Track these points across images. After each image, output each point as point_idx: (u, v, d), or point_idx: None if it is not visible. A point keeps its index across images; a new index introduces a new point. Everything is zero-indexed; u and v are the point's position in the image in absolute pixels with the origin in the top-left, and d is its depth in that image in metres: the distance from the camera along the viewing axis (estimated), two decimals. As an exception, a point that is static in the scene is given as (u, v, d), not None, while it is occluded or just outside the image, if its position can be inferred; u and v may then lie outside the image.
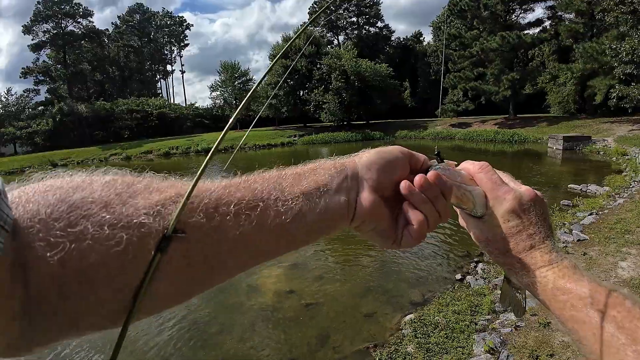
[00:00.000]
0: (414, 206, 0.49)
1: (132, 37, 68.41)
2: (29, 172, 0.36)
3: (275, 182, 0.43)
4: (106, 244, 0.31)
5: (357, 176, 0.48)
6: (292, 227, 0.42)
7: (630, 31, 18.65)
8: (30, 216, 0.30)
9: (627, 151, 15.90)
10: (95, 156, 35.79)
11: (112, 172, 0.38)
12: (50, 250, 0.29)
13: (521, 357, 3.26)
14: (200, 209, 0.37)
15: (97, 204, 0.33)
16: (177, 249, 0.35)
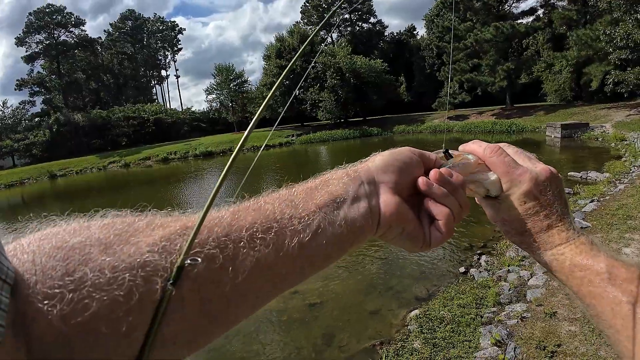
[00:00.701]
0: (437, 201, 0.48)
1: (125, 44, 68.25)
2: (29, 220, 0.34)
3: (287, 199, 0.41)
4: (107, 289, 0.29)
5: (373, 180, 0.46)
6: (313, 245, 0.39)
7: (623, 16, 18.60)
8: (26, 268, 0.28)
9: (625, 136, 15.87)
10: (94, 165, 35.77)
11: (112, 213, 0.35)
12: (49, 303, 0.27)
13: (528, 348, 3.25)
14: (212, 239, 0.34)
15: (95, 246, 0.31)
16: (189, 286, 0.32)
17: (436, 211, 0.47)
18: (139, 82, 70.13)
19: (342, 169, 0.47)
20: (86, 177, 30.97)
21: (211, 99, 52.38)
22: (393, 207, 0.45)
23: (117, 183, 25.00)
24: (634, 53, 18.66)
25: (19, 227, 0.33)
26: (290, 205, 0.40)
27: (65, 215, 0.35)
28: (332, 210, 0.41)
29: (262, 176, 20.02)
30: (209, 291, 0.33)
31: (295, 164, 24.57)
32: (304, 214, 0.40)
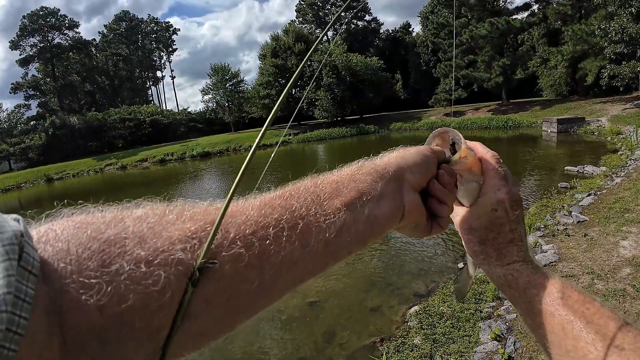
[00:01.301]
0: (440, 200, 0.51)
1: (120, 45, 68.05)
2: (46, 212, 0.33)
3: (313, 194, 0.41)
4: (144, 283, 0.29)
5: (401, 179, 0.48)
6: (337, 242, 0.40)
7: (618, 10, 18.64)
8: (61, 256, 0.28)
9: (621, 130, 15.93)
10: (91, 167, 35.62)
11: (144, 204, 0.36)
12: (85, 293, 0.27)
13: (528, 342, 3.26)
14: (238, 237, 0.34)
15: (131, 239, 0.31)
16: (214, 288, 0.32)
17: (439, 209, 0.51)
18: (134, 83, 69.94)
19: (370, 163, 0.48)
20: (83, 180, 30.86)
21: (207, 99, 52.29)
22: (415, 205, 0.48)
23: (114, 185, 24.92)
24: (629, 47, 18.70)
25: (51, 213, 0.33)
26: (316, 201, 0.40)
27: (99, 204, 0.35)
28: (358, 207, 0.42)
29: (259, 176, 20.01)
30: (235, 289, 0.34)
31: (293, 163, 24.55)
32: (330, 212, 0.40)
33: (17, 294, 0.23)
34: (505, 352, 3.15)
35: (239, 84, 46.99)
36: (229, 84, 46.18)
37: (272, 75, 41.69)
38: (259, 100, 43.30)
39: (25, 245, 0.26)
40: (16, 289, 0.23)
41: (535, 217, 6.46)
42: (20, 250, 0.25)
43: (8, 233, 0.25)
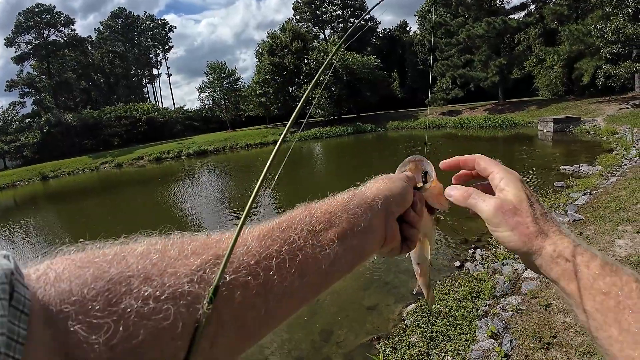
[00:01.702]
0: (412, 225, 0.57)
1: (116, 42, 67.61)
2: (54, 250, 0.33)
3: (309, 225, 0.44)
4: (154, 318, 0.30)
5: (387, 210, 0.52)
6: (330, 271, 0.43)
7: (614, 10, 18.71)
8: (65, 297, 0.28)
9: (617, 130, 16.03)
10: (86, 166, 35.44)
11: (142, 239, 0.37)
12: (93, 334, 0.27)
13: (524, 340, 3.28)
14: (243, 267, 0.36)
15: (136, 277, 0.31)
16: (229, 313, 0.34)
17: (411, 233, 0.57)
18: (130, 81, 69.56)
19: (360, 193, 0.52)
20: (78, 178, 30.69)
21: (204, 97, 52.14)
22: (395, 234, 0.54)
23: (110, 184, 24.81)
24: (625, 47, 18.76)
25: (47, 251, 0.33)
26: (312, 232, 0.43)
27: (97, 240, 0.35)
28: (349, 239, 0.46)
29: (257, 175, 19.97)
30: (245, 316, 0.36)
31: (289, 161, 24.46)
32: (325, 243, 0.43)
33: (9, 335, 0.23)
34: (501, 350, 3.17)
35: (236, 82, 46.87)
36: (226, 82, 46.05)
37: (269, 74, 41.59)
38: (255, 99, 43.21)
39: (16, 284, 0.25)
40: (9, 330, 0.23)
41: (531, 216, 6.49)
42: (11, 289, 0.25)
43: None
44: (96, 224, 12.62)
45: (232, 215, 10.95)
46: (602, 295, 0.45)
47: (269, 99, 42.44)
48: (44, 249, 2.32)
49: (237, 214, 11.02)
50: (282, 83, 42.43)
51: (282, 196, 13.09)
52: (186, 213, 12.47)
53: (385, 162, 18.32)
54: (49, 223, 14.74)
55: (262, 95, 42.19)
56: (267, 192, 1.37)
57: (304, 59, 40.39)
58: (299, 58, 40.86)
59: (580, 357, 2.92)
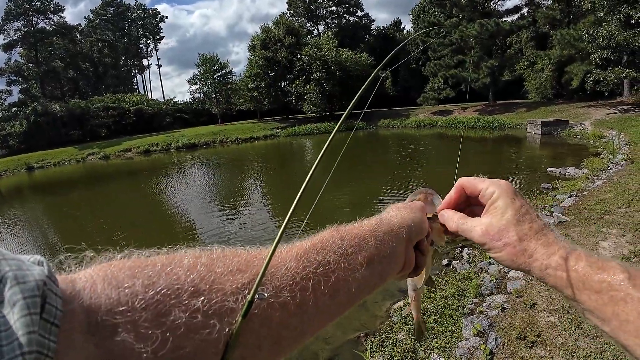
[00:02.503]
0: (423, 253, 0.60)
1: (106, 31, 66.39)
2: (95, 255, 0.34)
3: (341, 248, 0.46)
4: (201, 332, 0.31)
5: (409, 240, 0.56)
6: (357, 293, 0.46)
7: (606, 16, 18.90)
8: (112, 307, 0.29)
9: (604, 134, 16.30)
10: (72, 157, 34.80)
11: (186, 251, 0.38)
12: (141, 343, 0.28)
13: (509, 338, 3.32)
14: (283, 287, 0.38)
15: (184, 290, 0.32)
16: (265, 333, 0.36)
17: (421, 261, 0.60)
18: (119, 71, 68.36)
19: (387, 220, 0.55)
20: (64, 169, 30.13)
21: (194, 90, 51.58)
22: (412, 260, 0.57)
23: (96, 176, 24.40)
24: (615, 53, 18.99)
25: (91, 256, 0.33)
26: (344, 256, 0.45)
27: (142, 249, 0.36)
28: (375, 264, 0.49)
29: (247, 170, 19.86)
30: (281, 334, 0.37)
31: (280, 156, 24.44)
32: (354, 267, 0.46)
33: (39, 349, 0.23)
34: (486, 348, 3.20)
35: (227, 75, 46.39)
36: (217, 74, 45.55)
37: (262, 68, 41.28)
38: (247, 93, 42.87)
39: (49, 295, 0.25)
40: (38, 344, 0.23)
41: (518, 217, 6.57)
42: (42, 301, 0.25)
43: (30, 284, 0.25)
44: (84, 217, 12.43)
45: (223, 211, 10.87)
46: (596, 294, 0.46)
47: (261, 93, 42.14)
48: (29, 242, 2.27)
49: (227, 210, 10.95)
50: (274, 77, 42.16)
51: (274, 192, 13.05)
52: (175, 207, 12.34)
53: (378, 160, 18.37)
54: (35, 215, 14.47)
55: (254, 89, 41.87)
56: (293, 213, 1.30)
57: (297, 54, 40.17)
58: (292, 53, 40.63)
59: (564, 356, 2.97)
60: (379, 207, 9.03)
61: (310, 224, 0.68)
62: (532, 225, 0.54)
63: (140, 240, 8.58)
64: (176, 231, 9.16)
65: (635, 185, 7.13)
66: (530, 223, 0.54)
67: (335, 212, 8.95)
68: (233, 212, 10.33)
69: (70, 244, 8.30)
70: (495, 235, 0.55)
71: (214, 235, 8.32)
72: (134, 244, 0.31)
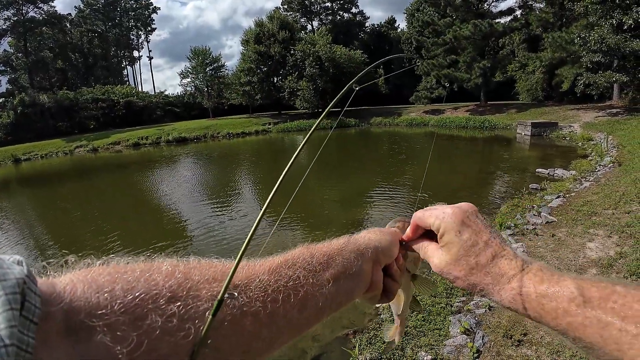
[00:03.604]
0: (393, 279, 0.62)
1: (97, 21, 65.23)
2: (77, 259, 0.35)
3: (310, 264, 0.48)
4: (176, 335, 0.32)
5: (376, 260, 0.57)
6: (323, 308, 0.48)
7: (599, 21, 19.05)
8: (93, 308, 0.30)
9: (592, 136, 16.53)
10: (60, 149, 34.14)
11: (164, 260, 0.39)
12: (118, 345, 0.29)
13: (496, 336, 3.35)
14: (256, 298, 0.40)
15: (162, 296, 0.34)
16: (236, 341, 0.37)
17: (391, 286, 0.61)
18: (109, 62, 67.26)
19: (354, 240, 0.57)
20: (52, 162, 29.59)
21: (186, 83, 50.98)
22: (379, 282, 0.58)
23: (84, 168, 24.02)
24: (606, 57, 19.16)
25: (72, 262, 0.34)
26: (313, 272, 0.47)
27: (122, 257, 0.37)
28: (341, 281, 0.51)
29: (238, 165, 19.74)
30: (251, 343, 0.39)
31: (272, 152, 24.33)
32: (322, 283, 0.48)
33: (19, 344, 0.24)
34: (474, 346, 3.23)
35: (220, 69, 45.97)
36: (209, 68, 45.11)
37: (254, 62, 40.98)
38: (239, 87, 42.54)
39: (28, 293, 0.26)
40: (18, 340, 0.24)
41: (506, 216, 6.64)
42: (22, 299, 0.25)
43: (11, 281, 0.25)
44: (72, 210, 12.23)
45: (212, 205, 10.79)
46: (554, 320, 0.46)
47: (253, 88, 41.86)
48: (16, 235, 2.20)
49: (217, 206, 10.87)
50: (267, 72, 41.90)
51: (264, 188, 12.99)
52: (164, 201, 12.21)
53: (369, 157, 18.40)
54: (22, 208, 14.21)
55: (247, 84, 41.57)
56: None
57: (291, 49, 39.96)
58: (285, 48, 40.41)
59: (550, 355, 3.01)
60: (367, 202, 8.98)
61: (299, 216, 0.66)
62: (478, 259, 0.54)
63: (128, 233, 8.48)
64: (165, 225, 9.07)
65: (622, 187, 7.24)
66: (476, 257, 0.54)
67: (324, 206, 8.96)
68: (223, 206, 10.26)
69: (57, 237, 8.13)
70: (445, 270, 0.57)
71: (203, 228, 8.24)
72: (123, 237, 0.33)
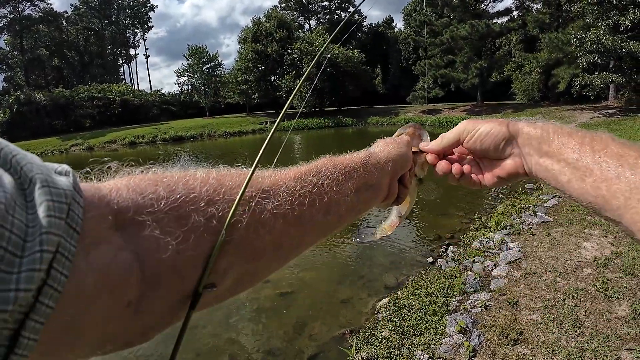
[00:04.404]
0: (405, 185, 0.66)
1: (93, 19, 64.83)
2: (119, 165, 0.39)
3: (334, 174, 0.51)
4: (216, 233, 0.36)
5: (394, 173, 0.62)
6: (344, 214, 0.52)
7: (595, 22, 19.10)
8: (140, 207, 0.33)
9: (587, 137, 16.59)
10: (55, 147, 33.96)
11: (202, 170, 0.42)
12: (167, 237, 0.32)
13: (492, 335, 3.36)
14: (284, 201, 0.43)
15: (201, 199, 0.37)
16: (269, 238, 0.41)
17: (402, 192, 0.66)
18: (105, 60, 66.88)
19: (375, 154, 0.60)
20: (47, 160, 28.09)
21: (182, 82, 50.77)
22: (395, 192, 0.63)
23: (80, 167, 23.78)
24: (602, 58, 19.20)
25: (115, 167, 0.38)
26: (336, 181, 0.50)
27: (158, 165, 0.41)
28: (362, 191, 0.55)
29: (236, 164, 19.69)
30: (282, 240, 0.44)
31: (269, 151, 24.21)
32: (344, 192, 0.51)
33: (62, 251, 0.25)
34: (470, 345, 3.24)
35: (217, 67, 45.81)
36: (206, 66, 44.93)
37: (251, 61, 40.86)
38: (236, 86, 42.44)
39: (72, 203, 0.28)
40: (62, 247, 0.25)
41: (502, 216, 6.67)
42: (68, 208, 0.27)
43: (59, 190, 0.27)
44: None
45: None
46: (579, 145, 0.56)
47: (250, 87, 41.75)
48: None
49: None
50: (264, 71, 41.80)
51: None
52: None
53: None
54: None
55: (244, 82, 41.46)
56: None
57: (288, 48, 39.89)
58: (282, 47, 40.34)
59: (546, 354, 3.02)
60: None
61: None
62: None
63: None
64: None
65: (617, 187, 7.27)
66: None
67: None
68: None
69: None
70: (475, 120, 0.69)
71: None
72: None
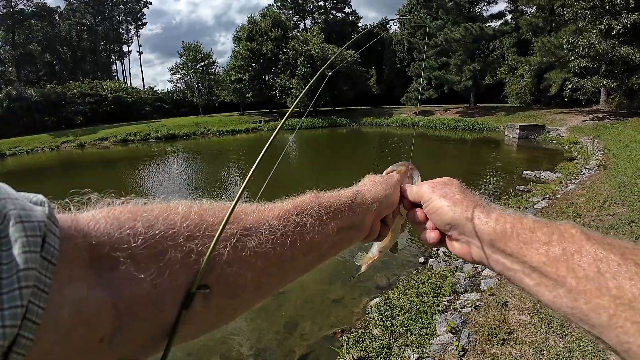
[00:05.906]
0: (387, 224, 0.67)
1: (86, 14, 64.13)
2: (99, 197, 0.38)
3: (317, 213, 0.51)
4: (194, 267, 0.36)
5: (379, 214, 0.62)
6: (325, 252, 0.53)
7: (588, 26, 19.28)
8: (116, 242, 0.33)
9: (578, 140, 16.82)
10: (46, 144, 33.48)
11: (182, 203, 0.42)
12: (142, 273, 0.33)
13: (481, 335, 3.39)
14: (266, 241, 0.43)
15: (180, 234, 0.37)
16: (251, 276, 0.41)
17: (384, 231, 0.67)
18: (98, 56, 66.19)
19: (362, 195, 0.60)
20: (38, 157, 29.00)
21: (176, 79, 50.39)
22: (377, 230, 0.64)
23: (71, 165, 23.62)
24: (594, 62, 19.38)
25: (95, 199, 0.37)
26: (319, 221, 0.50)
27: (138, 197, 0.40)
28: (345, 232, 0.56)
29: (228, 162, 19.61)
30: (261, 279, 0.43)
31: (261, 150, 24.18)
32: (327, 232, 0.51)
33: (37, 284, 0.25)
34: (459, 345, 3.27)
35: (211, 65, 45.56)
36: (200, 64, 44.67)
37: (246, 60, 40.73)
38: (230, 85, 42.26)
39: (48, 235, 0.28)
40: (37, 280, 0.25)
41: (494, 218, 6.71)
42: (42, 241, 0.27)
43: (33, 223, 0.27)
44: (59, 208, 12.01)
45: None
46: (545, 245, 0.44)
47: (244, 85, 41.61)
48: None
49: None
50: (258, 70, 41.69)
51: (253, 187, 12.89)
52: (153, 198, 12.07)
53: (359, 158, 18.44)
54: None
55: (238, 81, 41.31)
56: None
57: (283, 47, 39.82)
58: (277, 46, 40.26)
59: (534, 354, 3.06)
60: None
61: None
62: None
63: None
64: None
65: (607, 190, 7.39)
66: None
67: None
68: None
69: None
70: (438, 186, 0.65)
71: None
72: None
